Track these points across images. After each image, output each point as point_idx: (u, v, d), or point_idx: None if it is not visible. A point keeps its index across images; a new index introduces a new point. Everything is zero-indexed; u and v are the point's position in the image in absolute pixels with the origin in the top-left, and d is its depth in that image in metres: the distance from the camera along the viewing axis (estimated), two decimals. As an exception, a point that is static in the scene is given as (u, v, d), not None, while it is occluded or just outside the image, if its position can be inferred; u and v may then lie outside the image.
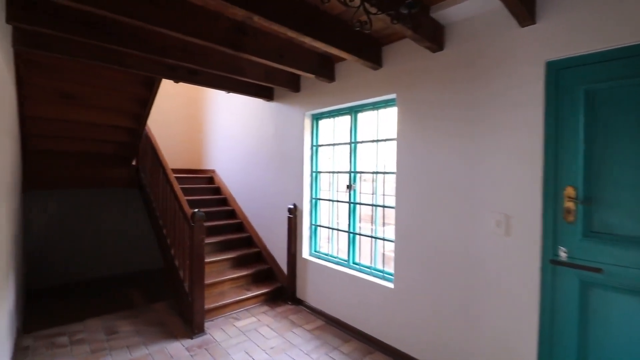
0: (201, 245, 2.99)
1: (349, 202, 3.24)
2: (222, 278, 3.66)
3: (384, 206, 2.95)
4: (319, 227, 3.63)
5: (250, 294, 3.60)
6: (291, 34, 2.17)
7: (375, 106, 3.00)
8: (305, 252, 3.64)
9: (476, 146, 2.18)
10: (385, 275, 2.89)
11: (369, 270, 3.03)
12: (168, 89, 5.70)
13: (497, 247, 2.09)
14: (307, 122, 3.62)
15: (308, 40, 2.27)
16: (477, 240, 2.18)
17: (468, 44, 2.23)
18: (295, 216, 3.67)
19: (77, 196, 5.12)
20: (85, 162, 4.23)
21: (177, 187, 3.44)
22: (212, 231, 4.34)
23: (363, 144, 3.16)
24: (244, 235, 4.42)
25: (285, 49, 2.77)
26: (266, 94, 3.99)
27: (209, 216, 4.58)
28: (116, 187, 4.62)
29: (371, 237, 3.05)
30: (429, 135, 2.46)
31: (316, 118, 3.64)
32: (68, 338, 2.87)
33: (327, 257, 3.47)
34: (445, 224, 2.36)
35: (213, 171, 5.52)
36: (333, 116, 3.44)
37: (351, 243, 3.24)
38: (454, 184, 2.31)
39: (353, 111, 3.21)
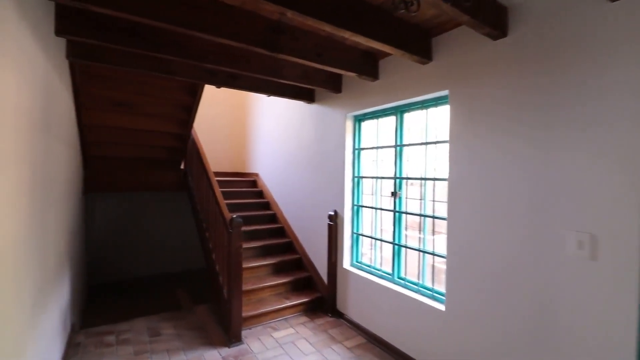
0: (239, 253, 2.93)
1: (394, 211, 2.96)
2: (262, 285, 3.59)
3: (433, 217, 2.63)
4: (361, 236, 3.40)
5: (289, 303, 3.48)
6: (329, 28, 1.98)
7: (424, 105, 2.70)
8: (346, 262, 3.43)
9: (550, 147, 1.81)
10: (435, 295, 2.57)
11: (416, 287, 2.73)
12: (216, 95, 5.87)
13: (578, 273, 1.70)
14: (349, 124, 3.41)
15: (348, 35, 2.07)
16: (551, 263, 1.80)
17: (539, 27, 1.86)
18: (335, 223, 3.48)
19: (131, 199, 5.47)
20: (138, 167, 4.45)
21: (218, 191, 3.43)
22: (254, 235, 4.32)
23: (410, 147, 2.87)
24: (284, 240, 4.33)
25: (324, 47, 2.60)
26: (307, 96, 3.86)
27: (251, 220, 4.58)
28: (166, 191, 4.81)
29: (419, 250, 2.74)
30: (488, 136, 2.12)
31: (358, 120, 3.41)
32: (115, 337, 2.98)
33: (369, 269, 3.23)
34: (509, 241, 2.00)
35: (256, 174, 5.55)
36: (377, 117, 3.20)
37: (396, 255, 2.96)
38: (520, 195, 1.94)
39: (399, 111, 2.94)
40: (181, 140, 4.30)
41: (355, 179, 3.42)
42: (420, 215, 2.74)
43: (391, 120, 3.07)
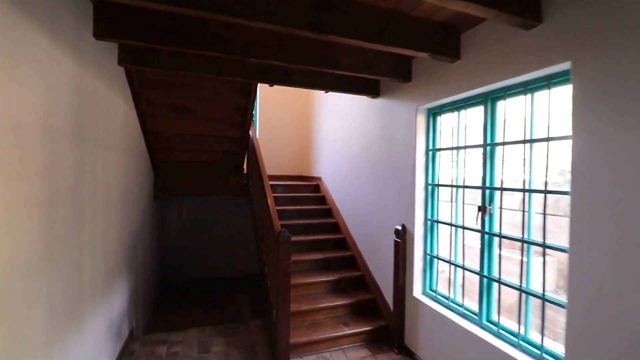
0: (286, 272, 2.55)
1: (483, 232, 2.25)
2: (318, 305, 3.17)
3: (544, 245, 1.86)
4: (436, 259, 2.73)
5: (348, 331, 2.99)
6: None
7: (527, 88, 1.94)
8: (416, 289, 2.80)
9: None
10: (546, 357, 1.80)
11: (515, 340, 1.98)
12: (280, 96, 5.71)
13: None
14: (421, 120, 2.77)
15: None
16: None
17: None
18: (404, 240, 2.87)
19: (199, 203, 5.64)
20: (200, 172, 4.48)
21: (271, 197, 3.13)
22: (313, 247, 3.95)
23: (505, 146, 2.13)
24: (346, 254, 3.86)
25: (385, 22, 2.05)
26: (371, 89, 3.32)
27: (312, 229, 4.23)
28: (230, 196, 4.77)
29: (520, 290, 1.99)
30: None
31: (433, 113, 2.75)
32: (166, 349, 2.89)
33: (447, 303, 2.54)
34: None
35: (319, 179, 5.19)
36: (457, 109, 2.50)
37: (485, 290, 2.23)
38: None
39: (488, 99, 2.21)
40: (240, 144, 4.16)
41: (429, 187, 2.76)
42: (522, 241, 1.98)
43: (477, 111, 2.35)
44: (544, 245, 1.85)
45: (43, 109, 1.47)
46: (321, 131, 5.21)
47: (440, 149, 2.69)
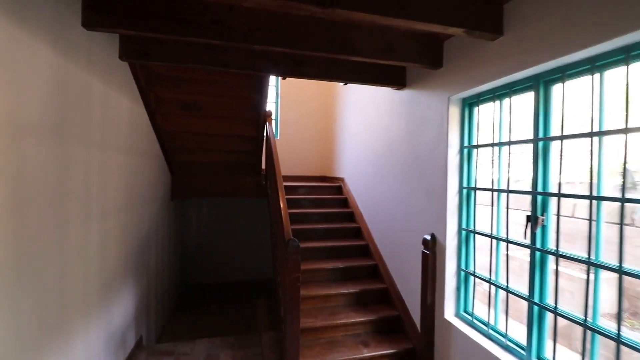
0: (295, 286, 2.26)
1: (533, 247, 1.82)
2: (336, 322, 2.85)
3: (621, 271, 1.41)
4: (472, 277, 2.31)
5: (367, 353, 2.63)
6: None
7: (594, 65, 1.50)
8: (448, 311, 2.39)
9: None
10: (623, 418, 1.36)
11: (577, 389, 1.55)
12: (302, 91, 5.44)
13: None
14: (454, 112, 2.36)
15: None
16: None
17: None
18: (433, 253, 2.48)
19: (218, 205, 5.54)
20: (217, 173, 4.31)
21: (283, 200, 2.86)
22: (333, 254, 3.62)
23: (563, 140, 1.69)
24: (368, 263, 3.50)
25: (408, -9, 1.70)
26: (395, 79, 2.94)
27: (332, 234, 3.92)
28: (248, 197, 4.58)
29: (585, 326, 1.55)
30: None
31: (468, 104, 2.34)
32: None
33: (486, 331, 2.12)
34: None
35: (342, 180, 4.85)
36: (499, 97, 2.08)
37: (536, 320, 1.80)
38: None
39: (540, 82, 1.78)
40: (255, 143, 3.94)
41: (464, 191, 2.35)
42: (589, 263, 1.54)
43: (525, 99, 1.92)
44: (621, 272, 1.40)
45: (6, 102, 1.29)
46: (344, 129, 4.88)
47: (477, 146, 2.27)
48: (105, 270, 2.28)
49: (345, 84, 3.54)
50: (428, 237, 2.49)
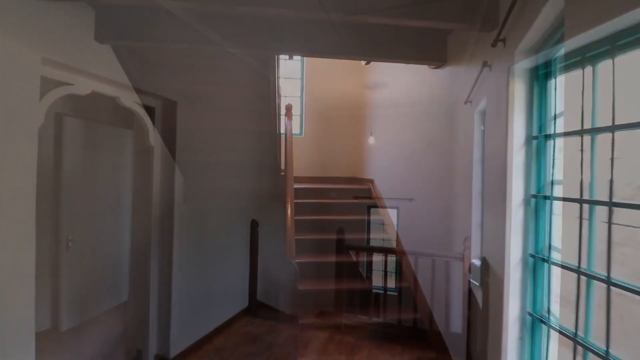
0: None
1: (661, 296, 1.10)
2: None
3: None
4: (545, 325, 1.60)
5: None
6: None
7: None
8: (508, 368, 1.71)
9: None
10: None
11: None
12: (332, 84, 4.86)
13: None
14: (519, 88, 1.68)
15: None
16: None
17: None
18: (486, 284, 1.80)
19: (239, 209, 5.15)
20: (233, 174, 3.91)
21: (291, 208, 2.34)
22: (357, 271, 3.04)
23: None
24: (399, 285, 2.87)
25: None
26: (433, 53, 2.28)
27: (356, 244, 3.32)
28: (266, 202, 4.13)
29: None
30: None
31: (541, 75, 1.64)
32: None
33: (570, 410, 1.42)
34: None
35: (371, 181, 4.23)
36: (591, 61, 1.37)
37: (669, 421, 1.08)
38: None
39: (680, 23, 1.06)
40: (269, 139, 3.48)
41: (533, 201, 1.65)
42: None
43: (630, 63, 1.20)
44: None
45: None
46: (374, 125, 4.25)
47: (555, 135, 1.56)
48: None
49: (367, 63, 2.94)
50: (477, 263, 1.82)
